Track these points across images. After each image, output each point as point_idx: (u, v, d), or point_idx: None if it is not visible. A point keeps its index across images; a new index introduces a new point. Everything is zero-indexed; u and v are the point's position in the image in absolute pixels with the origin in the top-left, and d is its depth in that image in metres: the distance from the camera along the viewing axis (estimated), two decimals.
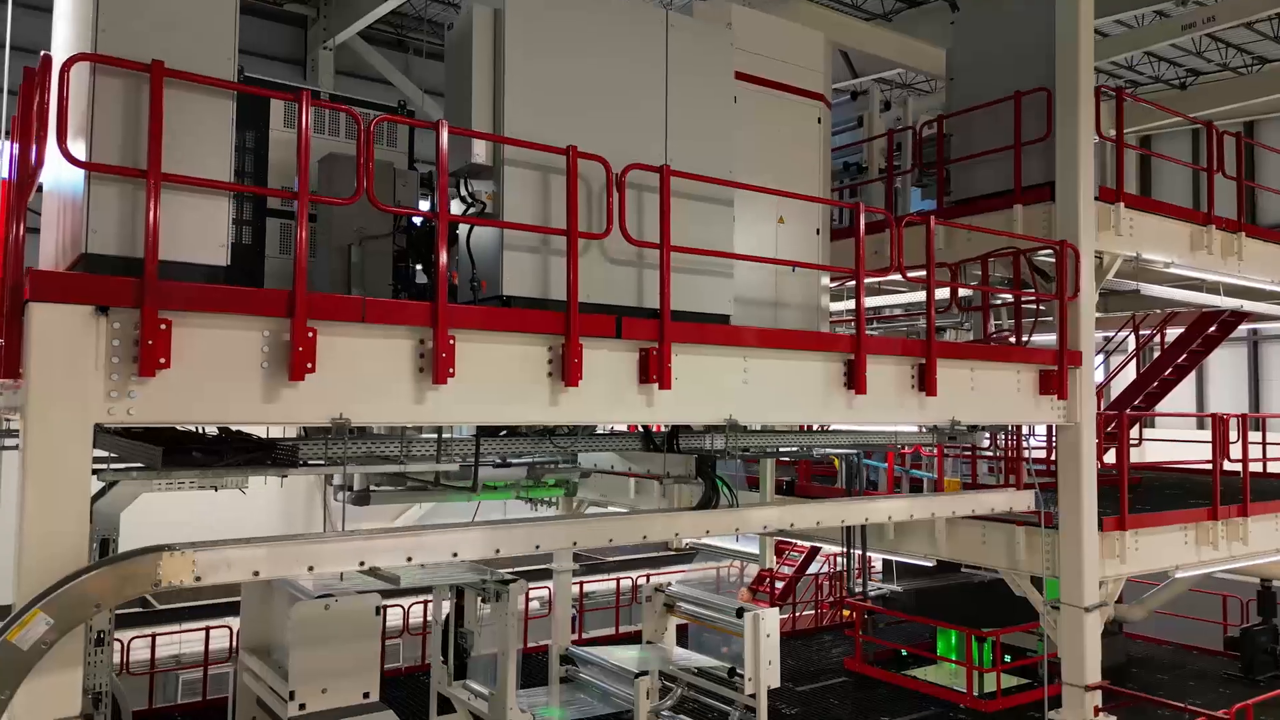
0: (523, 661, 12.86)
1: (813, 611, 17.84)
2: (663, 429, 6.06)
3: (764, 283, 6.77)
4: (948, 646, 13.89)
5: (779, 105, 7.07)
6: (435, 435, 5.25)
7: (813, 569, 17.71)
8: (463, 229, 5.25)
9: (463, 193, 5.19)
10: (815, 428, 7.91)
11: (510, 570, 11.54)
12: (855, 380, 6.27)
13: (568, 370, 4.96)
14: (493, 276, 5.06)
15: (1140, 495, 10.37)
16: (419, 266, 5.36)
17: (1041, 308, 8.43)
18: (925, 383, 6.71)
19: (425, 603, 12.83)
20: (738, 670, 10.45)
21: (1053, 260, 7.93)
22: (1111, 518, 8.10)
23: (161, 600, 17.06)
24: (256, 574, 3.88)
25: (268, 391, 4.17)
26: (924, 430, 7.03)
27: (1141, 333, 15.62)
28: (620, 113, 5.60)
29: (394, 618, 14.97)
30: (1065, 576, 7.91)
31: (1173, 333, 15.45)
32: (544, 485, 11.55)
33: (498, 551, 4.58)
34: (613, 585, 17.58)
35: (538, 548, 4.74)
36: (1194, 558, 8.89)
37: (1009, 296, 8.66)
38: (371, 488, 10.27)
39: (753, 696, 10.37)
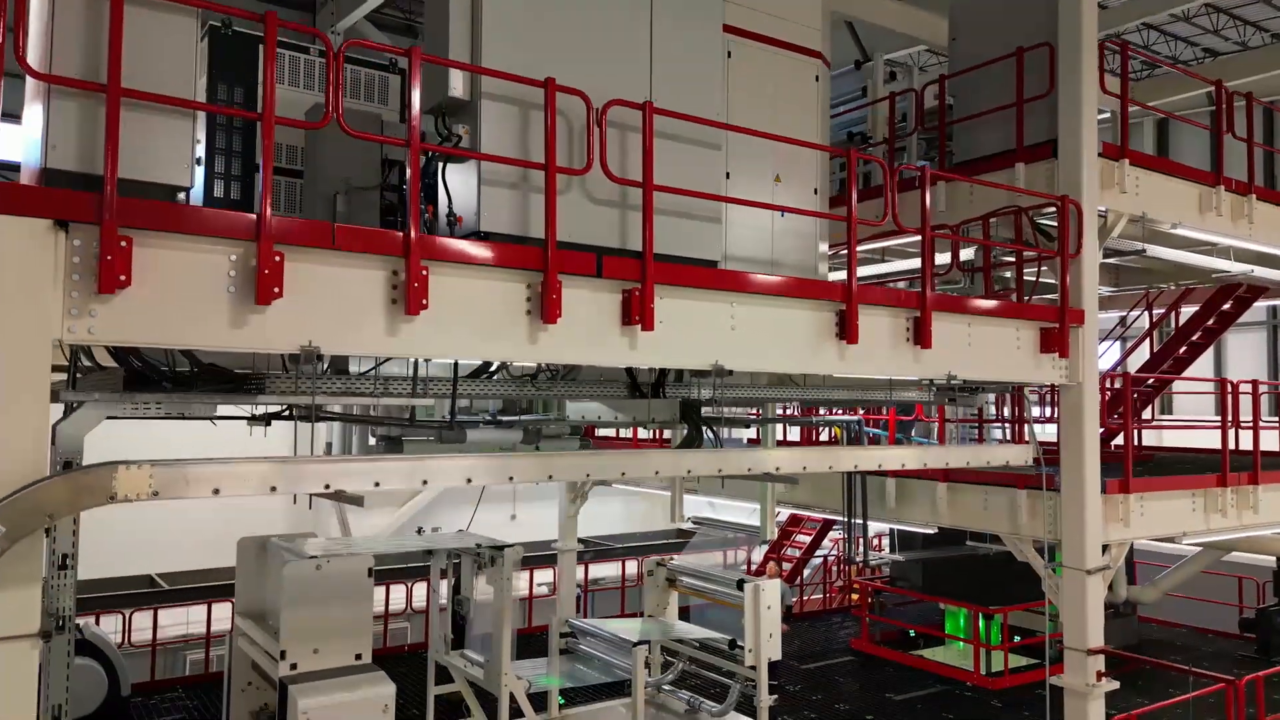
0: (525, 641, 12.82)
1: (821, 595, 17.69)
2: (650, 375, 5.96)
3: (759, 244, 6.62)
4: (956, 626, 13.72)
5: (774, 61, 6.93)
6: (412, 378, 5.18)
7: (821, 551, 17.57)
8: (440, 165, 5.17)
9: (439, 129, 5.11)
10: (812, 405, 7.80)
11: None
12: (847, 330, 6.14)
13: (546, 307, 4.87)
14: (469, 212, 4.98)
15: (1150, 470, 10.18)
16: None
17: (1045, 268, 8.26)
18: (920, 335, 6.57)
19: (428, 581, 12.84)
20: (738, 642, 10.35)
21: (1056, 221, 7.77)
22: (1115, 480, 7.93)
23: (170, 581, 17.18)
24: (216, 491, 3.82)
25: (234, 316, 4.11)
26: (924, 385, 6.89)
27: (1155, 312, 15.36)
28: (603, 53, 5.50)
29: (398, 601, 15.00)
30: (1067, 539, 7.75)
31: (1187, 311, 15.17)
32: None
33: (469, 480, 4.50)
34: (618, 571, 17.51)
35: (511, 479, 4.65)
36: (1202, 525, 8.70)
37: (1010, 261, 8.51)
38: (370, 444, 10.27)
39: (754, 669, 10.28)
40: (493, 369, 5.65)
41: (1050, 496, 7.89)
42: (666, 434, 13.27)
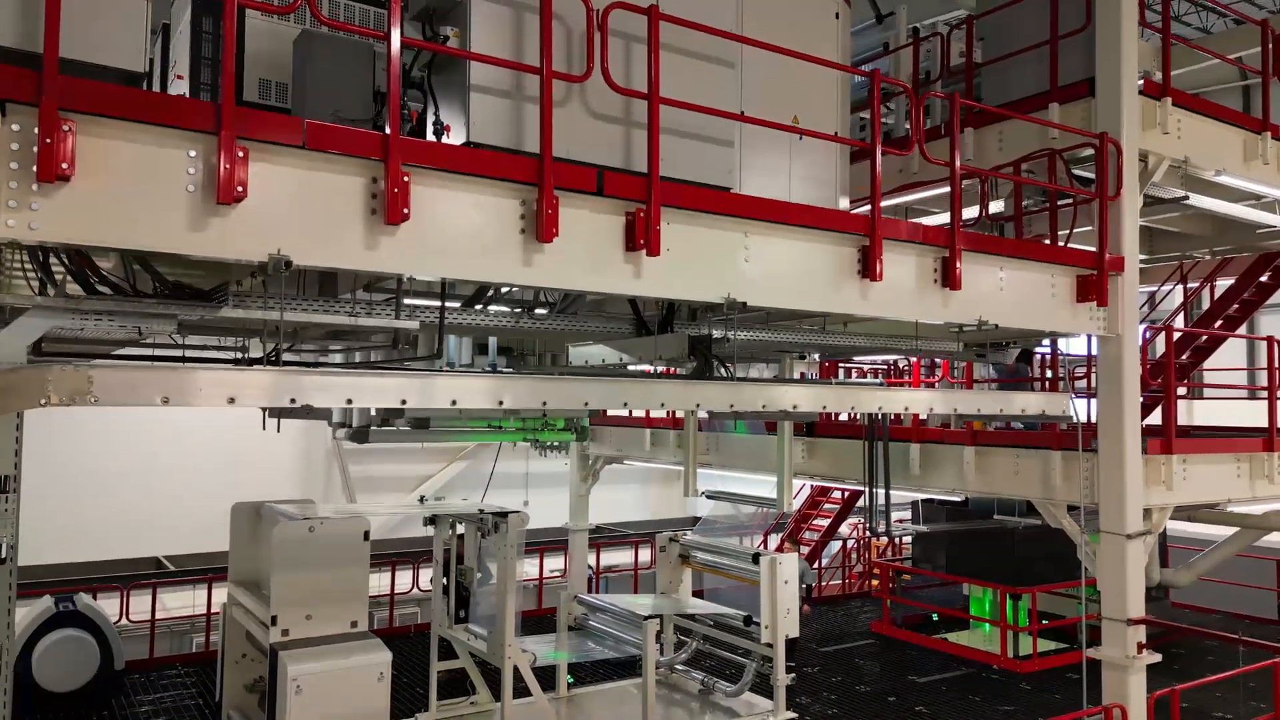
0: (534, 623, 12.45)
1: (840, 581, 17.20)
2: (658, 312, 5.53)
3: (778, 190, 6.17)
4: (981, 608, 13.20)
5: None
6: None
7: (839, 535, 17.09)
8: (426, 73, 4.77)
9: (426, 34, 4.71)
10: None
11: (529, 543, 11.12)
12: (870, 267, 5.70)
13: (541, 224, 4.46)
14: (458, 121, 4.57)
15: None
16: None
17: (1081, 219, 7.77)
18: (948, 277, 6.11)
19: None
20: (754, 618, 9.91)
21: (1092, 170, 7.29)
22: (1156, 440, 7.43)
23: (177, 564, 16.94)
24: (166, 400, 3.43)
25: (194, 218, 3.72)
26: (952, 330, 6.42)
27: (1189, 287, 14.77)
28: None
29: (404, 582, 14.66)
30: (1105, 502, 7.26)
31: (1223, 285, 14.57)
32: (552, 428, 11.13)
33: (453, 403, 4.10)
34: (630, 558, 17.10)
35: (501, 403, 4.24)
36: (1247, 492, 8.19)
37: (1044, 208, 8.02)
38: (371, 426, 9.91)
39: (770, 646, 9.83)
40: (486, 297, 5.24)
41: (1087, 457, 7.40)
42: (680, 413, 12.85)
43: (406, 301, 4.79)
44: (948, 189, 6.69)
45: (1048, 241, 7.55)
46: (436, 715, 9.61)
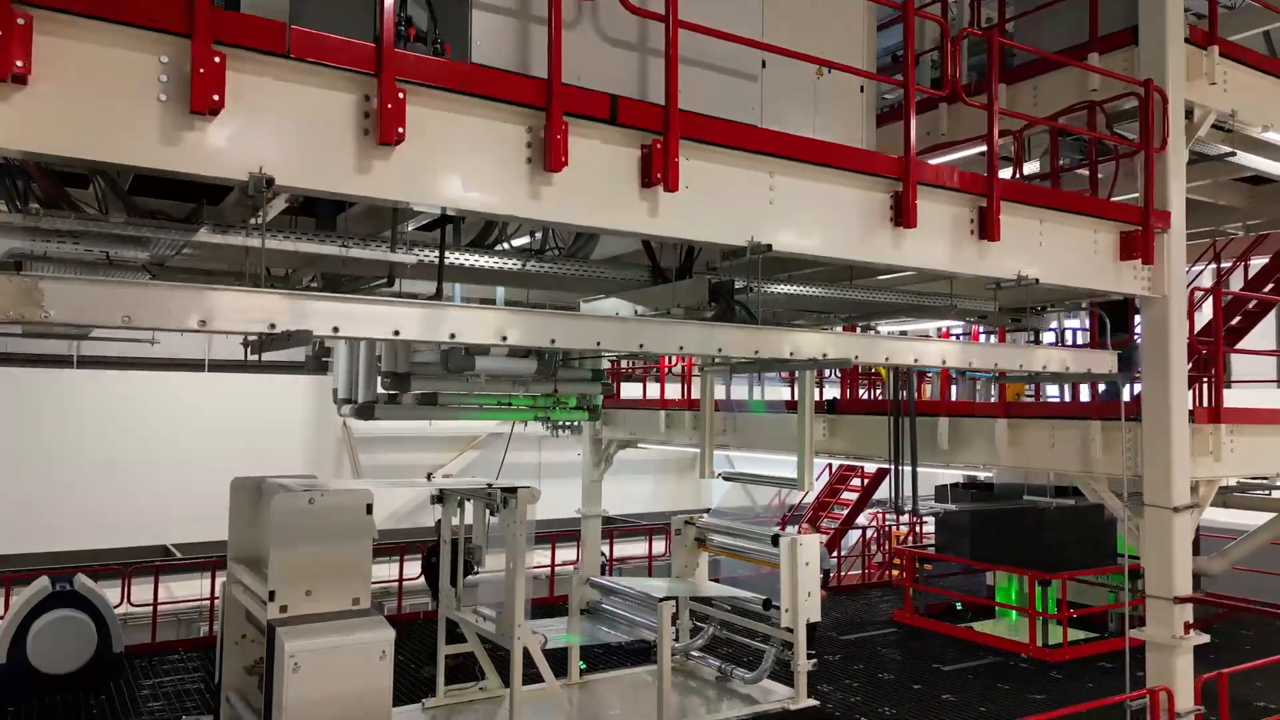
0: (545, 611, 12.09)
1: (859, 571, 16.78)
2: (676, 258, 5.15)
3: None
4: (1007, 597, 12.77)
5: None
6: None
7: (860, 523, 16.67)
8: None
9: None
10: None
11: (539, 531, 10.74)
12: (903, 213, 5.30)
13: (550, 151, 4.09)
14: (460, 39, 4.21)
15: None
16: None
17: (1121, 180, 7.34)
18: (986, 228, 5.72)
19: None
20: (774, 602, 9.52)
21: (1131, 130, 6.87)
22: (1204, 409, 7.00)
23: (185, 552, 16.70)
24: (127, 319, 3.09)
25: (166, 131, 3.37)
26: (988, 288, 6.03)
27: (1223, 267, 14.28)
28: None
29: (413, 571, 14.33)
30: (1150, 474, 6.84)
31: (1257, 264, 14.07)
32: (564, 407, 10.75)
33: (451, 336, 3.73)
34: (644, 550, 16.72)
35: (505, 337, 3.87)
36: None
37: (1082, 164, 7.61)
38: (377, 402, 9.57)
39: (790, 631, 9.44)
40: (491, 239, 4.88)
41: (1129, 427, 6.98)
42: (696, 393, 12.46)
43: (410, 243, 4.43)
44: (980, 149, 6.31)
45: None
46: (443, 701, 9.28)
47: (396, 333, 3.58)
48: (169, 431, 17.81)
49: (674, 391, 13.88)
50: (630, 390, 15.77)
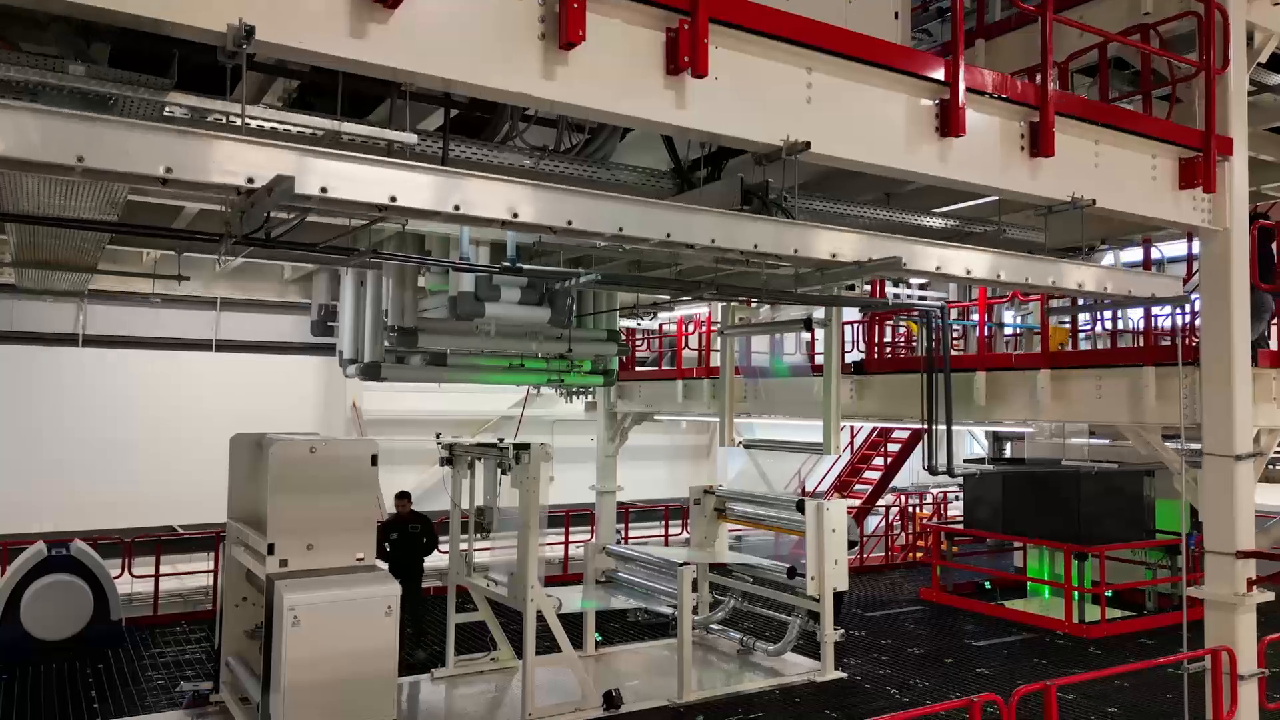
0: (560, 585, 11.68)
1: (882, 553, 16.28)
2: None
3: None
4: (1040, 574, 12.26)
5: None
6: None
7: (883, 502, 16.19)
8: None
9: None
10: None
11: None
12: (950, 121, 4.86)
13: (566, 22, 3.67)
14: None
15: None
16: None
17: (1175, 112, 6.86)
18: (1039, 142, 5.26)
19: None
20: (798, 570, 9.09)
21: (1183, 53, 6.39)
22: (1268, 351, 6.53)
23: (193, 532, 16.38)
24: (81, 159, 2.63)
25: None
26: (1039, 213, 5.57)
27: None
28: None
29: None
30: (1209, 421, 6.36)
31: None
32: (578, 370, 10.32)
33: (456, 209, 3.31)
34: (659, 534, 16.32)
35: (516, 215, 3.45)
36: None
37: (1133, 94, 7.12)
38: (384, 363, 9.18)
39: (816, 600, 9.01)
40: (500, 136, 4.45)
41: (1187, 372, 6.51)
42: (716, 360, 11.99)
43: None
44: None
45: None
46: (454, 671, 8.88)
47: (393, 199, 3.16)
48: (175, 412, 17.50)
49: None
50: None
